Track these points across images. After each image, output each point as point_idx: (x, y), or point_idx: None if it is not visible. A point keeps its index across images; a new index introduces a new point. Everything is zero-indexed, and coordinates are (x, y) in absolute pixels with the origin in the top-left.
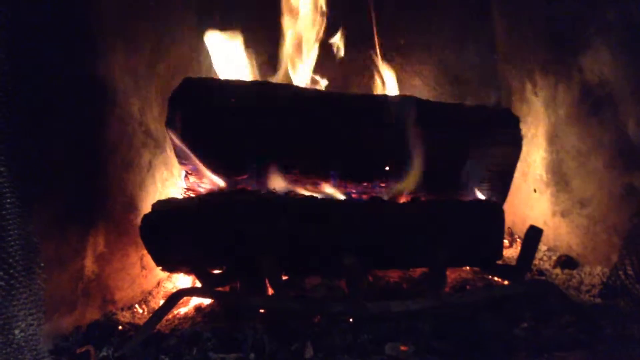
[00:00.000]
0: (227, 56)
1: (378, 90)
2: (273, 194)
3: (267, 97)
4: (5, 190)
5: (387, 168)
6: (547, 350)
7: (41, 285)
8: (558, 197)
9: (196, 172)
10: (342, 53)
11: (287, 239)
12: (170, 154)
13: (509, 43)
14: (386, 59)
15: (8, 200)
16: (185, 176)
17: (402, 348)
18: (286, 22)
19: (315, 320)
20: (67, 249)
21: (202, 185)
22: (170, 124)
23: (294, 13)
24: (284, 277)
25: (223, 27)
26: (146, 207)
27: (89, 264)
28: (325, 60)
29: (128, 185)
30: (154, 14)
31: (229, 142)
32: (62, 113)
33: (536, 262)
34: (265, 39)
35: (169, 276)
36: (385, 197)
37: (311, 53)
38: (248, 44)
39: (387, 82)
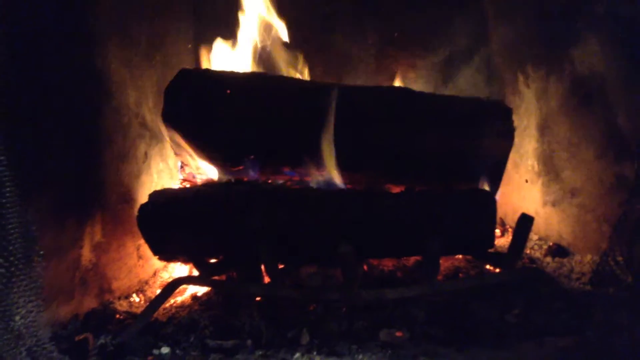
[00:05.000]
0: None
1: (372, 82)
2: (269, 184)
3: (263, 88)
4: (4, 179)
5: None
6: (538, 335)
7: (40, 273)
8: (549, 187)
9: (192, 163)
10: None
11: (284, 228)
12: (166, 144)
13: (501, 35)
14: (380, 51)
15: (7, 189)
16: (182, 167)
17: (397, 334)
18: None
19: (311, 308)
20: (65, 238)
21: (198, 175)
22: (166, 115)
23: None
24: (280, 266)
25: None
26: (142, 198)
27: (86, 254)
28: (320, 52)
29: (124, 176)
30: (150, 6)
31: (225, 133)
32: (59, 104)
33: (527, 251)
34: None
35: (165, 266)
36: (379, 188)
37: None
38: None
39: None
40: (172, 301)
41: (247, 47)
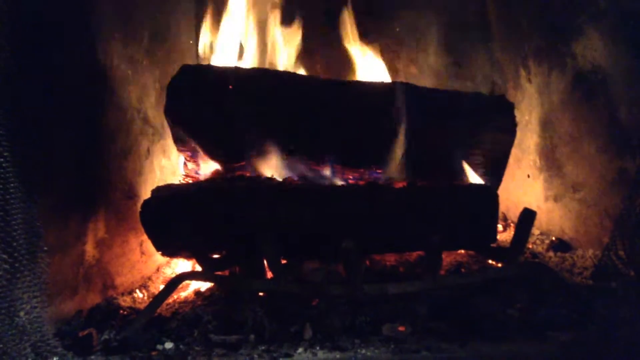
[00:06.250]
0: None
1: (374, 77)
2: (271, 179)
3: (264, 83)
4: (9, 175)
5: (383, 154)
6: (540, 329)
7: (44, 269)
8: (551, 182)
9: (195, 159)
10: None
11: (286, 224)
12: (168, 141)
13: (503, 30)
14: (382, 46)
15: (12, 185)
16: (184, 163)
17: (400, 329)
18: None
19: (314, 303)
20: (68, 234)
21: (201, 171)
22: (168, 111)
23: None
24: (283, 261)
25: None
26: (145, 194)
27: (90, 250)
28: (320, 47)
29: (127, 172)
30: (151, 1)
31: (227, 128)
32: (62, 101)
33: (530, 245)
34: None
35: (167, 262)
36: (382, 183)
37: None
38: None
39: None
40: (175, 297)
41: (249, 41)
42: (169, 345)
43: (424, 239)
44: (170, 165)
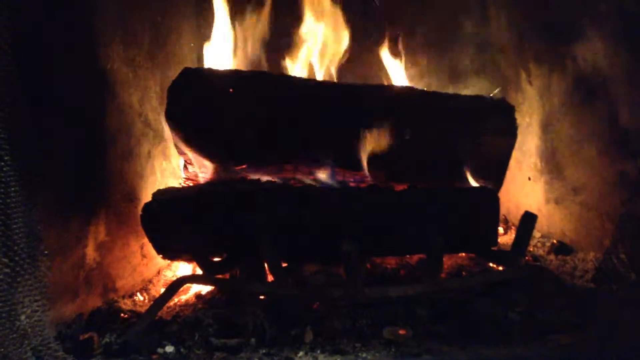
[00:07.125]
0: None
1: (374, 79)
2: (272, 182)
3: (265, 86)
4: (9, 179)
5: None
6: (541, 332)
7: (45, 272)
8: (552, 185)
9: (195, 162)
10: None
11: (286, 226)
12: (169, 143)
13: (503, 32)
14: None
15: (12, 189)
16: (185, 166)
17: (400, 332)
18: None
19: (315, 306)
20: (69, 237)
21: (201, 174)
22: (169, 114)
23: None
24: (284, 264)
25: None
26: (146, 197)
27: (91, 253)
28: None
29: (128, 175)
30: (152, 5)
31: (227, 132)
32: (62, 103)
33: (531, 248)
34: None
35: (168, 265)
36: (382, 185)
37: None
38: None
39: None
40: (176, 300)
41: (247, 44)
42: (169, 348)
43: (424, 241)
44: (171, 168)
